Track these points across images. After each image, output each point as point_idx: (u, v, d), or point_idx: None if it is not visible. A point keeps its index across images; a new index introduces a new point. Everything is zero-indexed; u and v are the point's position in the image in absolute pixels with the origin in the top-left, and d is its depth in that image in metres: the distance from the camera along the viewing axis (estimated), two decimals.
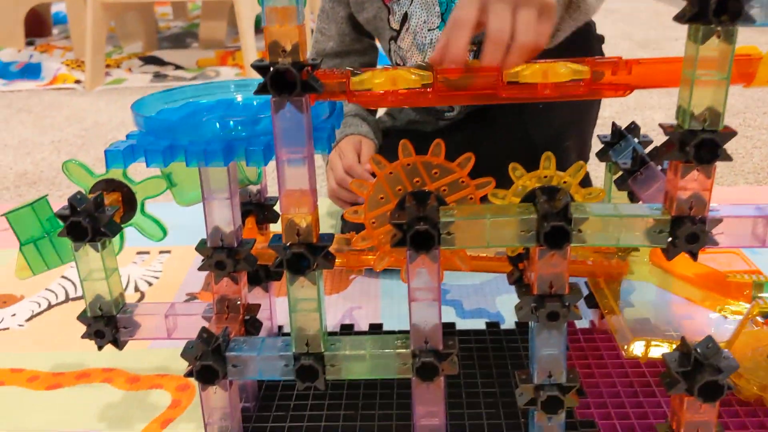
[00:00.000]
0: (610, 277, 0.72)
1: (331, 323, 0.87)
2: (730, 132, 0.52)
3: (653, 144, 0.69)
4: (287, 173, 0.55)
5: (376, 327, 0.85)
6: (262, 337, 0.65)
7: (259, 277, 0.72)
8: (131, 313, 0.66)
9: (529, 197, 0.57)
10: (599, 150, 0.74)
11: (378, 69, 0.57)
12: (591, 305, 0.75)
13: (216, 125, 0.58)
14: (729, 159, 0.52)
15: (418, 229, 0.54)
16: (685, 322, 0.71)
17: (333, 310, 0.90)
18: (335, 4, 1.05)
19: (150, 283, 1.00)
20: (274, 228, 0.75)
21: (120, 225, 0.65)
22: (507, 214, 0.54)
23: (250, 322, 0.66)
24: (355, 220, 0.60)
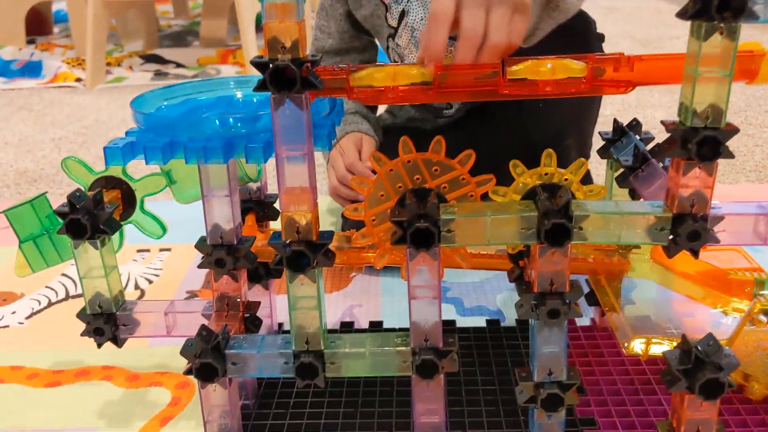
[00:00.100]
0: (611, 275, 0.72)
1: (331, 321, 0.87)
2: (732, 129, 0.51)
3: (655, 141, 0.68)
4: (287, 170, 0.55)
5: (376, 325, 0.85)
6: (262, 334, 0.64)
7: (259, 274, 0.71)
8: (131, 310, 0.66)
9: (530, 194, 0.56)
10: (600, 147, 0.74)
11: (378, 65, 0.56)
12: (592, 303, 0.75)
13: (216, 122, 0.58)
14: (731, 156, 0.52)
15: (419, 227, 0.53)
16: (686, 319, 0.70)
17: (333, 307, 0.90)
18: (334, 1, 1.05)
19: (150, 281, 0.99)
20: (274, 225, 0.75)
21: (119, 222, 0.65)
22: (508, 211, 0.54)
23: (250, 319, 0.66)
24: (356, 218, 0.60)
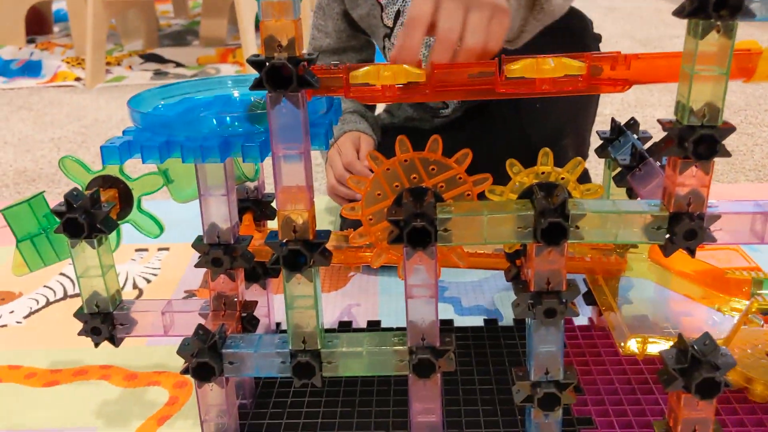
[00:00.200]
0: (609, 274, 0.72)
1: (329, 320, 0.86)
2: (729, 128, 0.51)
3: (652, 140, 0.68)
4: (283, 169, 0.55)
5: (374, 324, 0.84)
6: (259, 334, 0.64)
7: (257, 274, 0.71)
8: (128, 310, 0.66)
9: (527, 194, 0.56)
10: (598, 146, 0.74)
11: (375, 65, 0.56)
12: (589, 302, 0.75)
13: (213, 121, 0.58)
14: (728, 155, 0.52)
15: (415, 226, 0.53)
16: (683, 318, 0.70)
17: (331, 307, 0.90)
18: (330, 1, 1.05)
19: (148, 280, 0.99)
20: (271, 225, 0.75)
21: (116, 222, 0.65)
22: (504, 210, 0.54)
23: (247, 319, 0.66)
24: (353, 217, 0.60)
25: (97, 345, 0.67)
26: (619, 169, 0.69)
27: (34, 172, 1.48)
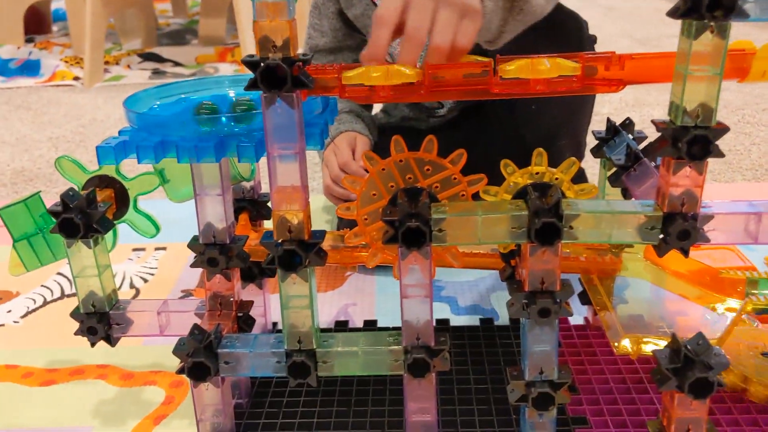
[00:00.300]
0: (604, 274, 0.72)
1: (326, 320, 0.87)
2: (722, 128, 0.51)
3: (648, 140, 0.69)
4: (278, 169, 0.55)
5: (370, 323, 0.85)
6: (255, 333, 0.64)
7: (253, 273, 0.72)
8: (124, 309, 0.66)
9: (521, 194, 0.56)
10: (594, 146, 0.74)
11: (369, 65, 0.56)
12: (585, 302, 0.75)
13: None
14: (721, 155, 0.52)
15: (410, 226, 0.53)
16: (678, 318, 0.70)
17: (328, 306, 0.90)
18: (326, 0, 1.05)
19: (145, 280, 1.00)
20: (267, 224, 0.75)
21: (112, 221, 0.65)
22: (498, 210, 0.54)
23: (243, 318, 0.66)
24: (348, 217, 0.60)
25: (93, 344, 0.67)
26: (614, 169, 0.69)
27: (32, 172, 1.48)
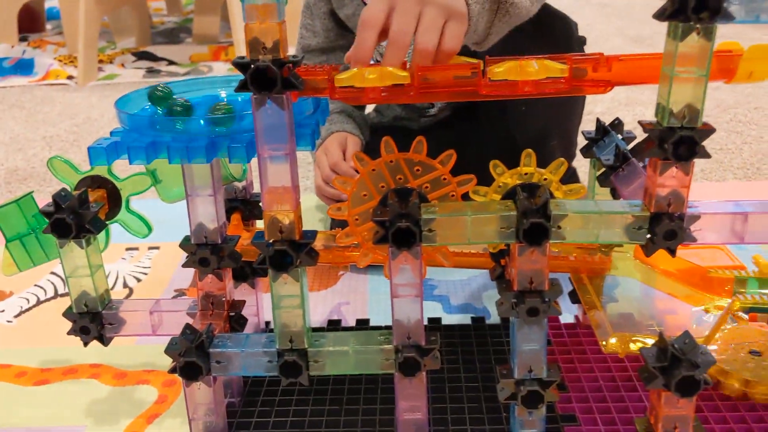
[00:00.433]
0: (593, 273, 0.73)
1: (319, 318, 0.87)
2: (708, 129, 0.52)
3: (637, 140, 0.69)
4: (269, 170, 0.55)
5: (363, 322, 0.85)
6: (246, 333, 0.65)
7: (246, 273, 0.72)
8: (116, 309, 0.67)
9: (510, 194, 0.57)
10: (583, 146, 0.74)
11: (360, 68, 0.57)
12: (575, 301, 0.75)
13: (200, 122, 0.59)
14: (707, 156, 0.53)
15: (400, 226, 0.54)
16: (668, 317, 0.71)
17: (321, 305, 0.90)
18: (317, 0, 1.05)
19: (139, 279, 1.00)
20: (260, 224, 0.75)
21: (105, 222, 0.66)
22: (487, 211, 0.55)
23: (235, 318, 0.67)
24: (339, 217, 0.60)
25: (86, 344, 0.67)
26: (603, 169, 0.70)
27: (26, 171, 1.48)
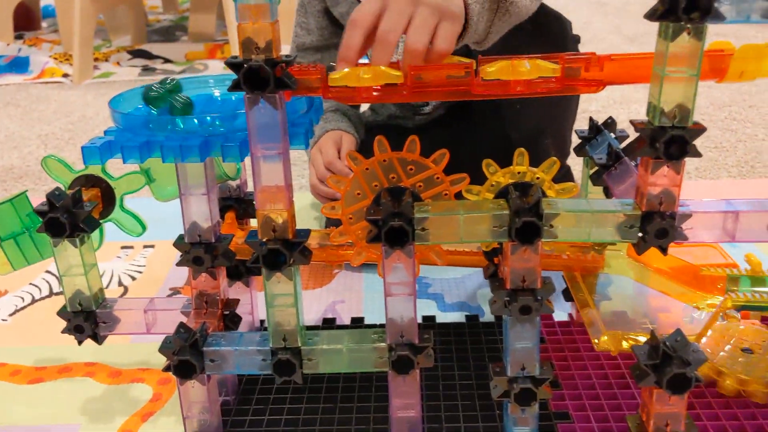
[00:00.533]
0: (586, 271, 0.73)
1: (313, 317, 0.87)
2: (699, 128, 0.52)
3: (629, 139, 0.69)
4: (262, 169, 0.55)
5: (357, 321, 0.85)
6: (240, 331, 0.65)
7: (240, 272, 0.72)
8: (110, 308, 0.67)
9: (503, 193, 0.57)
10: (576, 145, 0.75)
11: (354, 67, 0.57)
12: (568, 299, 0.76)
13: (194, 121, 0.59)
14: (698, 155, 0.53)
15: (393, 225, 0.54)
16: (660, 315, 0.71)
17: (316, 303, 0.91)
18: None
19: (133, 278, 1.00)
20: (254, 223, 0.76)
21: (98, 221, 0.66)
22: (480, 209, 0.55)
23: (229, 317, 0.67)
24: (332, 216, 0.61)
25: (80, 343, 0.67)
26: (596, 167, 0.70)
27: (21, 170, 1.48)
